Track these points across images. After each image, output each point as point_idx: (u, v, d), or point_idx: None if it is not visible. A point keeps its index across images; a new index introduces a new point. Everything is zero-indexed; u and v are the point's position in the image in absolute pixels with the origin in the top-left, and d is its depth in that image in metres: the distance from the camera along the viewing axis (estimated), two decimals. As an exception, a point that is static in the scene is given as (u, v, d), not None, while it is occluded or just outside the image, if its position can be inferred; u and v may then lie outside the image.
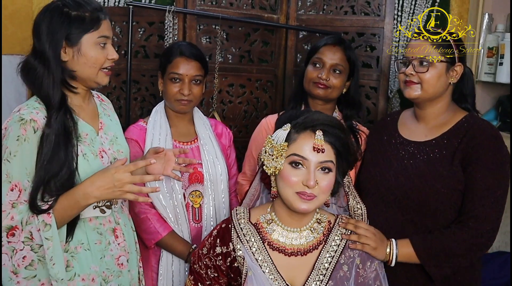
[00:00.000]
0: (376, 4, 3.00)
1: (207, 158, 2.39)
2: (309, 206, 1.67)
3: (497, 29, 2.98)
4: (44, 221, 1.72)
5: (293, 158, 1.67)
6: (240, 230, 1.78)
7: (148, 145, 2.33)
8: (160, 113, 2.44)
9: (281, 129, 1.71)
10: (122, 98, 3.02)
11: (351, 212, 1.89)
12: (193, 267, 1.84)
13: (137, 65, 2.98)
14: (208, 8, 2.97)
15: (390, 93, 3.03)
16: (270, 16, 3.09)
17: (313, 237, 1.77)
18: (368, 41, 3.02)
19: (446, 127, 2.07)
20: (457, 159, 1.98)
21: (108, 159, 1.91)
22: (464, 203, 1.97)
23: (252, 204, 1.92)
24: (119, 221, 1.97)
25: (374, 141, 2.28)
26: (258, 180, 1.88)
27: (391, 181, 2.08)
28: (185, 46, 2.45)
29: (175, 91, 2.35)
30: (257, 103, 3.17)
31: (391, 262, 1.92)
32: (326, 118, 1.72)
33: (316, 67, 2.39)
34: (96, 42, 1.82)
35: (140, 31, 3.00)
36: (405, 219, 2.04)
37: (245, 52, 3.12)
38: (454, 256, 1.94)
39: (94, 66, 1.83)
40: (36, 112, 1.76)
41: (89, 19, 1.80)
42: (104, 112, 2.03)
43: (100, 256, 1.88)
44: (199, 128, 2.46)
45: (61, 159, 1.74)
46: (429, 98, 2.07)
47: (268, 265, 1.73)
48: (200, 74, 2.38)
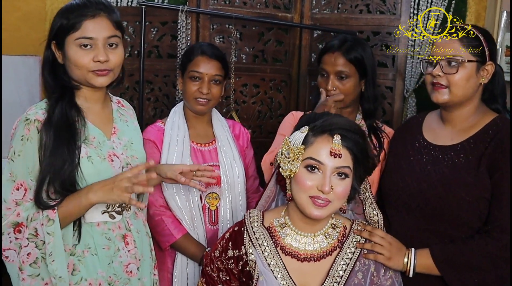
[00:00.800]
0: (392, 2, 2.96)
1: (224, 160, 2.37)
2: (323, 212, 1.64)
3: (515, 27, 2.93)
4: (48, 216, 1.72)
5: (309, 162, 1.63)
6: (252, 233, 1.75)
7: (165, 146, 2.32)
8: (179, 114, 2.42)
9: (299, 131, 1.68)
10: (135, 98, 3.01)
11: (367, 219, 1.84)
12: (205, 269, 1.82)
13: (150, 65, 2.97)
14: (221, 8, 2.95)
15: (406, 93, 2.99)
16: (284, 15, 3.06)
17: (327, 242, 1.74)
18: (384, 40, 2.99)
19: (474, 130, 1.95)
20: (483, 165, 1.86)
21: (120, 164, 1.88)
22: (490, 212, 1.85)
23: (267, 206, 1.89)
24: (131, 227, 1.92)
25: (397, 145, 2.18)
26: (274, 181, 1.84)
27: (413, 188, 1.97)
28: (207, 46, 2.44)
29: (194, 89, 2.33)
30: (271, 103, 3.15)
31: (409, 272, 1.84)
32: (345, 122, 1.67)
33: (323, 77, 2.36)
34: (76, 43, 1.75)
35: (153, 31, 2.99)
36: (427, 228, 1.94)
37: (259, 51, 3.10)
38: (477, 269, 1.83)
39: (78, 68, 1.77)
40: (42, 112, 1.75)
41: (71, 21, 1.75)
42: (121, 117, 1.99)
43: (108, 261, 1.85)
44: (217, 129, 2.44)
45: (63, 153, 1.73)
46: (458, 102, 1.94)
47: (280, 270, 1.70)
48: (220, 74, 2.36)
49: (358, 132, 1.68)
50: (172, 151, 2.31)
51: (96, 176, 1.79)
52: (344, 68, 2.31)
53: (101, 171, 1.80)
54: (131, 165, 1.90)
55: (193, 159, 2.34)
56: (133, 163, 1.92)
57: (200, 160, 2.36)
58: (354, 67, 2.33)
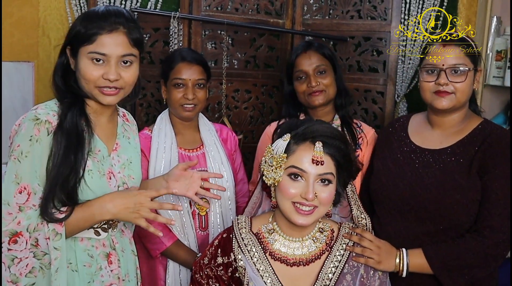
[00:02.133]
0: (383, 8, 2.98)
1: (212, 165, 2.37)
2: (308, 220, 1.66)
3: (505, 32, 2.95)
4: (55, 230, 1.65)
5: (292, 170, 1.65)
6: (241, 240, 1.76)
7: (153, 154, 2.32)
8: (165, 121, 2.42)
9: (281, 139, 1.69)
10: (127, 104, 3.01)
11: (356, 222, 1.86)
12: (194, 276, 1.82)
13: (143, 71, 2.89)
14: (213, 14, 2.96)
15: (397, 98, 3.00)
16: (276, 21, 3.07)
17: (315, 246, 1.75)
18: (375, 46, 3.00)
19: (462, 134, 2.01)
20: (474, 168, 1.92)
21: (116, 183, 1.82)
22: (479, 212, 1.91)
23: (254, 212, 1.91)
24: (116, 246, 1.86)
25: (383, 148, 2.20)
26: (260, 188, 1.86)
27: (406, 191, 2.00)
28: (186, 51, 2.47)
29: (179, 96, 2.34)
30: (263, 109, 3.15)
31: (402, 272, 1.88)
32: (326, 129, 1.69)
33: (301, 80, 2.42)
34: (88, 57, 1.69)
35: (146, 37, 2.99)
36: (421, 230, 1.98)
37: (251, 57, 3.11)
38: (469, 267, 1.89)
39: (85, 82, 1.72)
40: (53, 114, 1.69)
41: (88, 31, 1.69)
42: (124, 133, 1.93)
43: (89, 280, 1.77)
44: (205, 134, 2.44)
45: (71, 162, 1.67)
46: (459, 107, 2.00)
47: (269, 275, 1.71)
48: (203, 78, 2.38)
49: (340, 138, 1.70)
50: (160, 158, 2.31)
51: (95, 190, 1.74)
52: (320, 63, 2.41)
53: (98, 188, 1.75)
54: (127, 185, 1.85)
55: None
56: (129, 183, 1.86)
57: None
58: (329, 61, 2.44)
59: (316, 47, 2.46)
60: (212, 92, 2.99)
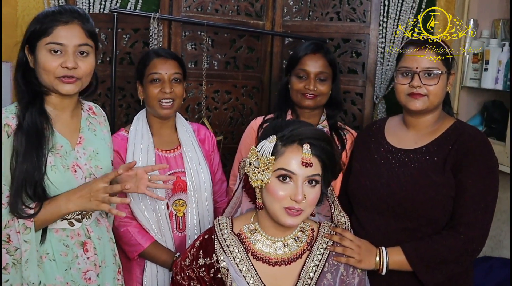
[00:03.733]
0: (362, 10, 3.01)
1: (190, 166, 2.35)
2: (296, 220, 1.66)
3: (482, 35, 2.99)
4: (24, 224, 1.72)
5: (280, 172, 1.64)
6: (223, 240, 1.76)
7: (129, 155, 2.30)
8: (142, 121, 2.40)
9: (267, 140, 1.68)
10: (107, 104, 3.00)
11: (335, 221, 1.88)
12: (175, 278, 1.82)
13: (122, 71, 2.97)
14: (193, 15, 2.96)
15: (376, 99, 3.03)
16: (256, 23, 3.09)
17: (296, 246, 1.76)
18: (354, 47, 3.03)
19: (436, 134, 2.05)
20: (448, 165, 1.96)
21: (82, 174, 1.86)
22: (454, 209, 1.95)
23: (233, 212, 1.91)
24: (91, 234, 1.91)
25: (361, 150, 2.23)
26: (241, 188, 1.85)
27: (383, 190, 2.03)
28: (159, 49, 2.45)
29: (156, 91, 2.31)
30: (243, 109, 3.16)
31: (382, 270, 1.90)
32: (312, 131, 1.69)
33: (300, 78, 2.40)
34: (46, 48, 1.75)
35: (125, 37, 2.99)
36: (399, 227, 2.01)
37: (231, 58, 3.12)
38: (446, 262, 1.92)
39: (45, 73, 1.77)
40: (12, 116, 1.76)
41: (44, 25, 1.75)
42: (89, 126, 1.97)
43: (66, 267, 1.84)
44: (182, 135, 2.42)
45: (33, 160, 1.73)
46: (433, 108, 2.04)
47: (252, 276, 1.71)
48: (179, 72, 2.36)
49: (326, 139, 1.70)
50: (137, 160, 2.27)
51: (59, 185, 1.79)
52: (324, 70, 2.40)
53: (63, 182, 1.80)
54: (95, 175, 1.88)
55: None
56: (97, 174, 1.89)
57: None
58: (331, 69, 2.42)
59: (325, 51, 2.43)
60: (192, 93, 3.00)
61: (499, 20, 2.94)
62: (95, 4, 2.98)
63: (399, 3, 2.98)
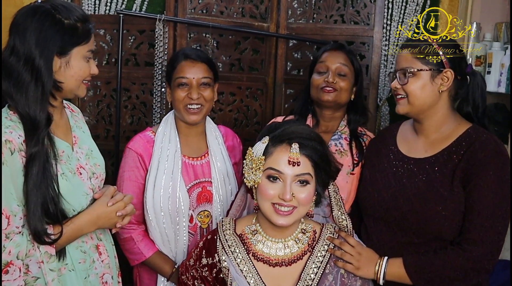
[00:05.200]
0: (366, 13, 3.02)
1: (217, 176, 2.25)
2: (287, 220, 1.68)
3: (485, 38, 3.01)
4: (47, 252, 1.63)
5: (269, 172, 1.67)
6: (225, 241, 1.78)
7: (155, 160, 2.19)
8: (171, 125, 2.27)
9: (260, 142, 1.71)
10: (112, 106, 3.02)
11: (336, 222, 1.88)
12: (181, 278, 1.84)
13: (128, 73, 2.98)
14: (198, 17, 2.98)
15: (379, 101, 3.05)
16: (261, 25, 3.10)
17: (297, 247, 1.77)
18: (358, 50, 3.04)
19: (447, 142, 1.93)
20: (457, 178, 1.85)
21: (87, 175, 1.81)
22: (463, 224, 1.84)
23: (238, 215, 1.93)
24: (101, 237, 1.89)
25: (371, 157, 2.16)
26: (243, 191, 1.89)
27: (389, 202, 1.97)
28: (190, 49, 2.32)
29: (182, 96, 2.18)
30: (248, 111, 3.18)
31: (379, 280, 1.85)
32: (302, 131, 1.71)
33: (320, 73, 2.36)
34: (85, 55, 1.72)
35: (131, 39, 3.01)
36: (405, 241, 1.93)
37: (236, 60, 3.13)
38: (448, 280, 1.83)
39: (79, 79, 1.73)
40: (9, 131, 1.60)
41: (82, 30, 1.69)
42: (76, 124, 1.90)
43: (85, 275, 1.78)
44: (212, 142, 2.30)
45: (49, 181, 1.63)
46: (418, 111, 1.95)
47: (253, 276, 1.73)
48: (208, 76, 2.22)
49: (316, 139, 1.71)
50: (162, 167, 2.18)
51: (72, 192, 1.73)
52: (345, 64, 2.35)
53: (75, 187, 1.75)
54: (96, 174, 1.85)
55: (183, 175, 2.21)
56: (97, 172, 1.86)
57: (192, 176, 2.23)
58: (353, 68, 2.38)
59: (347, 50, 2.41)
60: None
61: (502, 23, 2.95)
62: (101, 6, 3.00)
63: (403, 6, 3.00)
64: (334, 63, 2.34)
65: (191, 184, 2.21)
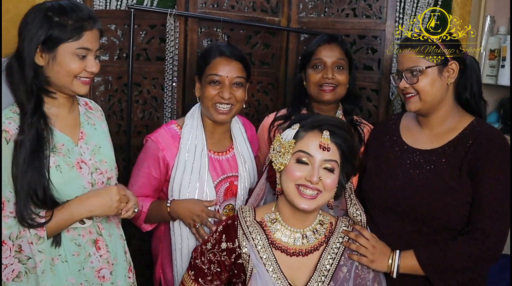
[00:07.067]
0: (378, 6, 3.00)
1: (244, 172, 2.23)
2: (310, 204, 1.70)
3: (499, 32, 2.98)
4: (37, 234, 1.71)
5: (299, 155, 1.71)
6: (246, 227, 1.80)
7: (182, 156, 2.16)
8: (197, 120, 2.23)
9: (290, 128, 1.76)
10: (123, 100, 3.02)
11: (351, 218, 1.90)
12: (194, 262, 1.85)
13: (139, 67, 2.98)
14: (209, 11, 2.97)
15: (392, 95, 3.03)
16: (272, 19, 3.09)
17: (315, 238, 1.80)
18: (370, 44, 3.02)
19: (453, 134, 1.99)
20: (464, 170, 1.91)
21: (88, 170, 1.86)
22: (471, 214, 1.90)
23: (256, 204, 1.95)
24: (102, 232, 1.90)
25: (375, 148, 2.19)
26: (264, 179, 1.92)
27: (397, 193, 2.00)
28: (225, 46, 2.24)
29: (213, 93, 2.13)
30: (259, 106, 3.17)
31: (393, 274, 1.88)
32: (334, 120, 1.78)
33: (317, 69, 2.37)
34: (74, 52, 1.75)
35: (142, 34, 3.00)
36: (413, 230, 1.98)
37: (247, 54, 3.10)
38: (460, 269, 1.89)
39: (67, 75, 1.76)
40: (8, 122, 1.72)
41: (71, 28, 1.73)
42: (88, 121, 1.95)
43: (79, 268, 1.83)
44: (238, 138, 2.28)
45: (37, 169, 1.70)
46: (430, 107, 1.98)
47: (271, 264, 1.75)
48: (242, 76, 2.17)
49: (346, 129, 1.78)
50: (189, 166, 2.15)
51: (66, 185, 1.78)
52: (342, 58, 2.37)
53: (70, 180, 1.80)
54: (100, 170, 1.89)
55: (211, 171, 2.19)
56: (102, 168, 1.90)
57: (219, 171, 2.22)
58: (348, 60, 2.40)
59: (340, 41, 2.41)
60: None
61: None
62: (112, 1, 3.00)
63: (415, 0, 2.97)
64: (331, 57, 2.35)
65: (219, 179, 2.22)
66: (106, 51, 3.00)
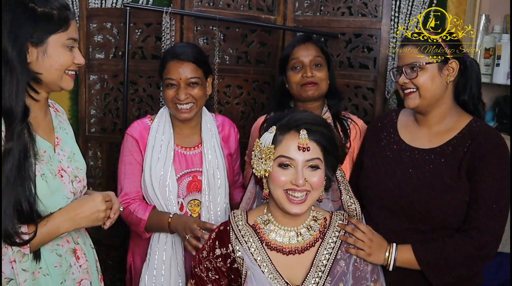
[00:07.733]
0: (373, 5, 3.00)
1: (207, 168, 2.30)
2: (301, 208, 1.70)
3: (494, 30, 2.98)
4: (20, 251, 1.56)
5: (280, 160, 1.70)
6: (238, 231, 1.79)
7: (149, 148, 2.28)
8: (165, 117, 2.35)
9: (268, 132, 1.74)
10: (119, 99, 3.03)
11: (345, 207, 1.90)
12: (194, 271, 1.85)
13: (135, 66, 2.98)
14: (205, 9, 2.97)
15: (387, 94, 3.03)
16: (267, 17, 3.09)
17: (309, 235, 1.80)
18: (365, 42, 3.02)
19: (451, 134, 2.00)
20: (463, 169, 1.93)
21: (68, 178, 1.75)
22: (468, 213, 1.93)
23: (249, 207, 1.94)
24: (78, 240, 1.83)
25: (371, 144, 2.20)
26: (253, 183, 1.91)
27: (395, 191, 2.01)
28: (179, 47, 2.34)
29: (171, 95, 2.24)
30: (254, 104, 3.17)
31: (389, 266, 1.91)
32: (309, 117, 1.75)
33: (296, 69, 2.41)
34: (64, 44, 1.65)
35: (138, 32, 3.01)
36: (410, 228, 2.00)
37: (242, 53, 3.12)
38: (456, 266, 1.91)
39: (60, 69, 1.66)
40: None
41: (57, 17, 1.62)
42: (60, 125, 1.84)
43: (61, 280, 1.72)
44: (205, 135, 2.36)
45: (24, 180, 1.56)
46: (428, 104, 1.99)
47: (267, 265, 1.74)
48: (196, 76, 2.25)
49: (323, 124, 1.76)
50: (155, 158, 2.26)
51: (50, 195, 1.67)
52: (319, 55, 2.41)
53: (54, 190, 1.69)
54: (79, 178, 1.80)
55: (175, 164, 2.29)
56: (80, 176, 1.81)
57: (184, 165, 2.31)
58: (324, 56, 2.44)
59: (314, 40, 2.47)
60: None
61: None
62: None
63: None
64: (307, 56, 2.40)
65: (182, 172, 2.29)
66: (102, 49, 3.00)
